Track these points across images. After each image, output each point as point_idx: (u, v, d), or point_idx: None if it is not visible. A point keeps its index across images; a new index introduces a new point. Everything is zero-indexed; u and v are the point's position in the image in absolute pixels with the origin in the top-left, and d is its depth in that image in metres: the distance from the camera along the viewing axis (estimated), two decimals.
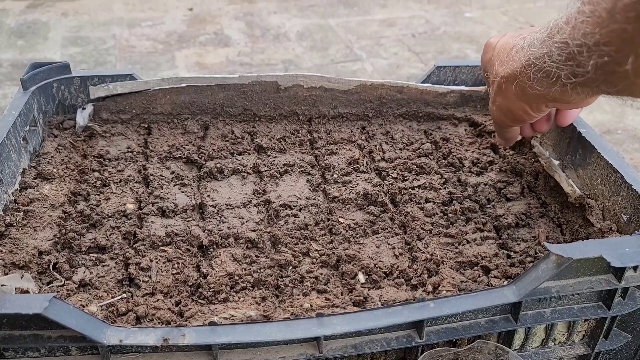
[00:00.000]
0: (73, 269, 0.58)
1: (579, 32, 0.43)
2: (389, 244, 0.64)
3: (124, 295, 0.55)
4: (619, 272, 0.51)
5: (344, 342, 0.48)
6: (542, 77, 0.49)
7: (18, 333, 0.44)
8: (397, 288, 0.58)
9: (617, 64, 0.41)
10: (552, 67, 0.47)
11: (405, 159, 0.78)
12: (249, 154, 0.78)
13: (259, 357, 0.47)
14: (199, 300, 0.56)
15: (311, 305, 0.55)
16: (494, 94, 0.61)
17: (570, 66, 0.45)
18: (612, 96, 0.47)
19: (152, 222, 0.65)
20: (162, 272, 0.58)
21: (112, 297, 0.55)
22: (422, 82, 0.87)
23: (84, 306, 0.52)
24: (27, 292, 0.53)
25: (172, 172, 0.74)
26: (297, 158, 0.78)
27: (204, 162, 0.76)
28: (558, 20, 0.47)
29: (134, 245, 0.62)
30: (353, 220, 0.67)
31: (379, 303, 0.56)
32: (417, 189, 0.72)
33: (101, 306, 0.53)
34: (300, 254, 0.62)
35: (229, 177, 0.74)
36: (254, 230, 0.65)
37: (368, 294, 0.57)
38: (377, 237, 0.65)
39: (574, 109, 0.64)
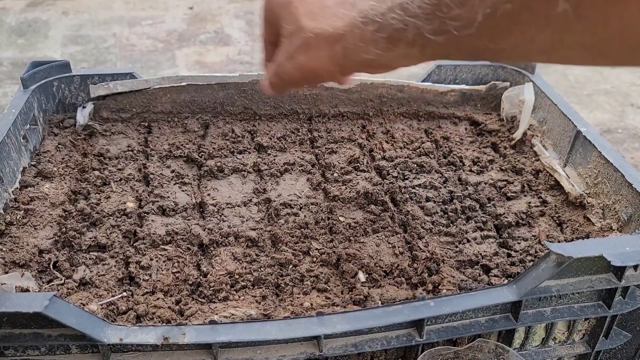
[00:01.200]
0: (73, 268, 0.58)
1: None
2: (389, 243, 0.64)
3: (124, 293, 0.55)
4: (619, 271, 0.51)
5: (344, 341, 0.48)
6: (384, 37, 0.40)
7: (18, 332, 0.44)
8: (398, 287, 0.58)
9: (547, 3, 0.30)
10: (408, 22, 0.37)
11: (405, 157, 0.78)
12: (250, 153, 0.78)
13: (259, 355, 0.47)
14: (199, 299, 0.56)
15: (311, 304, 0.55)
16: (294, 50, 0.49)
17: (439, 19, 0.35)
18: (457, 59, 0.39)
19: (152, 220, 0.65)
20: (162, 270, 0.58)
21: (113, 296, 0.55)
22: (422, 81, 0.86)
23: (84, 305, 0.52)
24: (27, 290, 0.53)
25: (173, 171, 0.74)
26: (298, 157, 0.78)
27: (205, 161, 0.76)
28: None
29: (134, 244, 0.62)
30: (353, 219, 0.67)
31: (379, 302, 0.56)
32: (417, 188, 0.72)
33: (101, 305, 0.53)
34: (300, 253, 0.62)
35: (229, 175, 0.74)
36: (254, 229, 0.65)
37: (368, 293, 0.57)
38: (377, 236, 0.65)
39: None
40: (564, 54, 0.33)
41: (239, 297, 0.56)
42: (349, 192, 0.71)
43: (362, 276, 0.59)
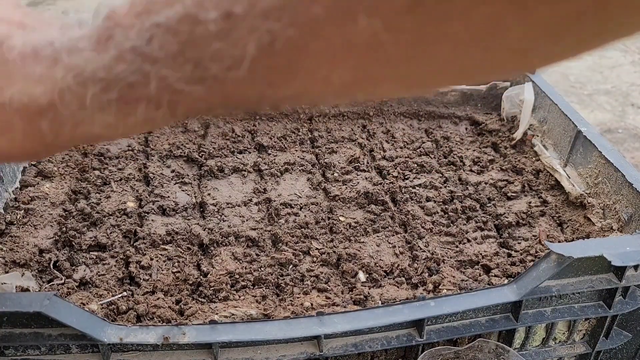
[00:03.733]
0: (73, 267, 0.58)
1: None
2: (389, 243, 0.64)
3: (125, 293, 0.55)
4: (619, 271, 0.51)
5: (345, 341, 0.48)
6: (115, 99, 0.27)
7: (18, 331, 0.44)
8: (398, 287, 0.58)
9: (346, 21, 0.22)
10: (145, 71, 0.26)
11: (405, 157, 0.78)
12: (250, 153, 0.78)
13: (259, 355, 0.47)
14: (200, 299, 0.56)
15: (312, 304, 0.55)
16: None
17: (192, 62, 0.25)
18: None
19: (152, 220, 0.65)
20: (162, 270, 0.58)
21: (113, 296, 0.55)
22: None
23: (84, 304, 0.52)
24: (27, 290, 0.53)
25: (173, 171, 0.74)
26: (298, 156, 0.78)
27: (205, 161, 0.75)
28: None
29: (135, 244, 0.62)
30: (353, 218, 0.67)
31: (380, 302, 0.56)
32: (417, 188, 0.72)
33: (101, 304, 0.53)
34: (300, 253, 0.62)
35: (229, 175, 0.74)
36: (254, 229, 0.65)
37: (368, 293, 0.57)
38: (377, 236, 0.65)
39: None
40: (370, 91, 0.26)
41: (239, 297, 0.56)
42: (349, 191, 0.71)
43: (362, 276, 0.59)
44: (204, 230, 0.64)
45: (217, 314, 0.53)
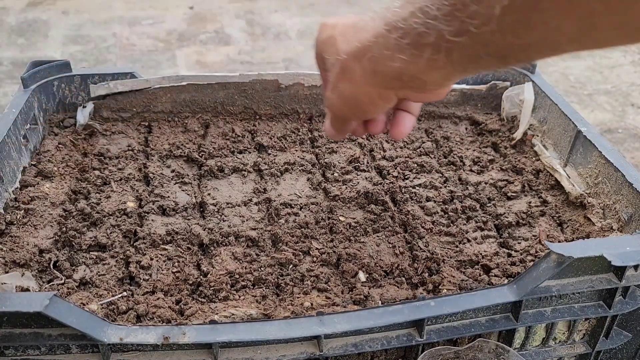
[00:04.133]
0: (73, 267, 0.58)
1: None
2: (389, 243, 0.64)
3: (125, 293, 0.55)
4: (619, 271, 0.51)
5: (345, 341, 0.48)
6: (408, 43, 0.40)
7: (18, 331, 0.44)
8: (398, 287, 0.58)
9: None
10: (428, 25, 0.37)
11: (405, 157, 0.78)
12: (250, 153, 0.78)
13: (259, 355, 0.47)
14: (200, 299, 0.56)
15: (312, 304, 0.55)
16: (335, 79, 0.50)
17: (457, 18, 0.35)
18: (487, 69, 0.39)
19: (152, 220, 0.65)
20: (162, 270, 0.58)
21: (113, 296, 0.55)
22: None
23: (84, 304, 0.52)
24: (27, 290, 0.53)
25: (173, 171, 0.74)
26: (298, 156, 0.78)
27: (205, 161, 0.76)
28: None
29: (135, 244, 0.62)
30: (354, 218, 0.67)
31: (380, 302, 0.56)
32: (417, 188, 0.72)
33: (101, 304, 0.53)
34: (300, 253, 0.62)
35: (229, 175, 0.74)
36: (254, 229, 0.65)
37: (368, 293, 0.57)
38: (377, 236, 0.65)
39: (423, 100, 0.54)
40: (596, 37, 0.31)
41: (239, 296, 0.56)
42: (349, 191, 0.71)
43: (362, 276, 0.59)
44: (204, 230, 0.64)
45: (217, 314, 0.53)
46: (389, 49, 0.41)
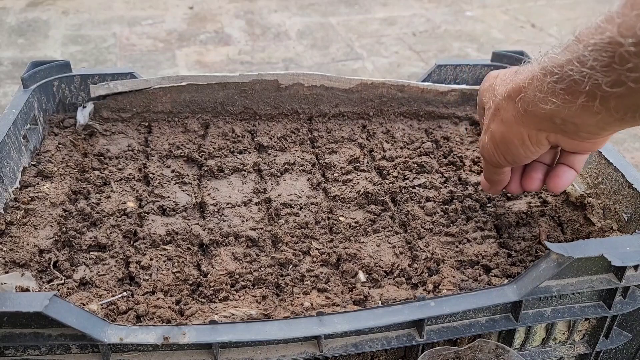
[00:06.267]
0: (73, 268, 0.58)
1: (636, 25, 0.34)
2: (389, 243, 0.64)
3: (125, 293, 0.55)
4: (619, 271, 0.51)
5: (345, 341, 0.48)
6: (562, 88, 0.41)
7: (18, 331, 0.44)
8: (398, 287, 0.58)
9: None
10: (584, 74, 0.38)
11: (405, 157, 0.78)
12: (250, 153, 0.78)
13: (259, 355, 0.47)
14: (200, 299, 0.56)
15: (311, 304, 0.55)
16: (488, 120, 0.51)
17: (615, 71, 0.36)
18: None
19: (152, 220, 0.65)
20: (162, 270, 0.58)
21: (113, 296, 0.55)
22: (422, 81, 0.86)
23: (84, 304, 0.52)
24: (27, 290, 0.53)
25: (173, 171, 0.74)
26: (298, 157, 0.78)
27: (205, 161, 0.76)
28: (588, 25, 0.39)
29: (135, 244, 0.62)
30: (353, 218, 0.67)
31: (380, 302, 0.56)
32: (417, 188, 0.72)
33: (101, 304, 0.53)
34: (300, 253, 0.62)
35: (229, 175, 0.74)
36: (254, 229, 0.65)
37: (368, 293, 0.57)
38: (377, 236, 0.65)
39: (577, 149, 0.53)
40: None
41: (239, 297, 0.56)
42: (349, 192, 0.71)
43: (362, 276, 0.59)
44: (204, 230, 0.64)
45: (217, 314, 0.53)
46: (542, 92, 0.43)
